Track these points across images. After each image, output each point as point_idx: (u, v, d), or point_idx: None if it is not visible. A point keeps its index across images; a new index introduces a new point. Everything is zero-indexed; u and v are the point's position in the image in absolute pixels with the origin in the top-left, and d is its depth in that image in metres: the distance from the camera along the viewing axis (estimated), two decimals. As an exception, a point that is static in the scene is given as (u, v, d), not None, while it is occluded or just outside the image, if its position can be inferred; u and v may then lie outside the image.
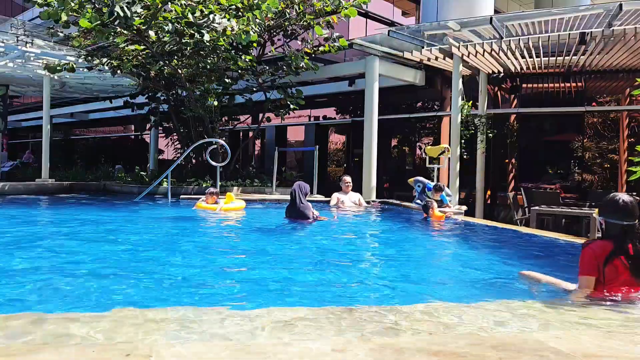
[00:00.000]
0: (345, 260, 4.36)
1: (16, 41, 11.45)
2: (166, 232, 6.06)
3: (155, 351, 1.78)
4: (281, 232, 6.12)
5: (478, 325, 2.25)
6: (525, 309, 2.57)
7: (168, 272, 3.64)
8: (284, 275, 3.63)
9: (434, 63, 10.65)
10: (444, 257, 4.84)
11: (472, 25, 8.89)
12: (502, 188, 12.03)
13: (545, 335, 2.12)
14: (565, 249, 5.02)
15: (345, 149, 15.45)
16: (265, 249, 4.83)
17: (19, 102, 23.28)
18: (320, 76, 12.66)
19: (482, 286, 3.47)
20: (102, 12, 8.61)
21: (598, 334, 2.19)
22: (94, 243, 4.98)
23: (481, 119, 10.12)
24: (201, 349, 1.91)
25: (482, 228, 6.75)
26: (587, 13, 7.91)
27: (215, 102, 10.93)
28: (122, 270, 3.68)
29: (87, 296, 2.93)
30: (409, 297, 3.15)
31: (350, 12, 10.60)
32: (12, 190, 11.24)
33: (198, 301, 2.89)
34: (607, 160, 11.39)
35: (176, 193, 10.05)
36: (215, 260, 4.30)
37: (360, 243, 5.68)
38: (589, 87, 11.48)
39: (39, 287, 3.12)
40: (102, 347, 1.88)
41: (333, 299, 3.03)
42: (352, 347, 1.91)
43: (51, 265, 3.83)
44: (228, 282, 3.43)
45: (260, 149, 17.19)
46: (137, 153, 21.20)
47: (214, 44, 9.31)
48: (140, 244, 5.07)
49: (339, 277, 3.64)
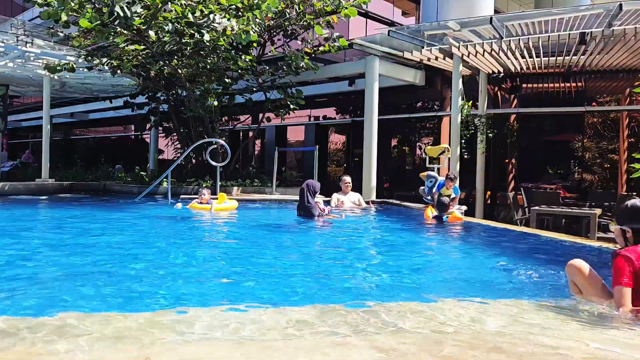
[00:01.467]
0: (345, 260, 4.36)
1: (16, 41, 11.44)
2: (166, 232, 6.06)
3: (156, 352, 1.78)
4: (279, 232, 6.12)
5: (488, 326, 2.25)
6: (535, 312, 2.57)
7: (164, 273, 3.64)
8: (284, 275, 3.63)
9: (434, 63, 10.64)
10: (444, 256, 4.84)
11: (472, 25, 8.89)
12: (502, 188, 12.03)
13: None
14: (566, 249, 5.02)
15: (345, 149, 15.45)
16: (265, 249, 4.83)
17: (19, 102, 23.26)
18: (320, 76, 12.66)
19: (490, 286, 3.47)
20: (102, 12, 8.61)
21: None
22: (88, 242, 4.98)
23: (481, 119, 10.11)
24: (201, 349, 1.90)
25: (493, 230, 6.75)
26: (587, 13, 7.91)
27: (215, 102, 10.93)
28: (117, 271, 3.68)
29: (82, 297, 2.93)
30: (409, 297, 3.15)
31: (350, 12, 10.60)
32: (12, 190, 11.24)
33: (198, 301, 2.88)
34: (607, 160, 11.39)
35: (176, 193, 10.05)
36: (213, 259, 4.30)
37: (360, 243, 5.67)
38: (589, 87, 11.47)
39: (37, 288, 3.12)
40: (102, 347, 1.88)
41: (332, 300, 3.03)
42: (354, 346, 1.90)
43: (40, 267, 3.83)
44: (225, 281, 3.43)
45: (260, 149, 17.19)
46: (137, 153, 21.20)
47: (214, 44, 9.31)
48: (135, 243, 5.06)
49: (339, 277, 3.64)
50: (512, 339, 2.06)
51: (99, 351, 1.83)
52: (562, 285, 3.48)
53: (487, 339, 2.07)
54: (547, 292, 3.22)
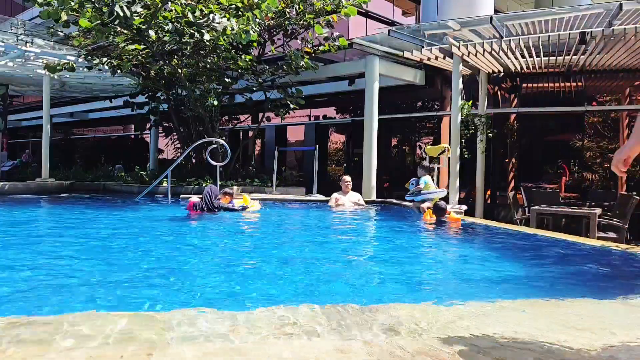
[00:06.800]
0: (343, 260, 4.36)
1: (16, 41, 11.44)
2: (168, 232, 6.06)
3: (157, 350, 1.78)
4: (283, 231, 6.12)
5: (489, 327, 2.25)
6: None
7: (164, 273, 3.63)
8: (283, 275, 3.63)
9: (434, 63, 10.64)
10: (443, 257, 4.83)
11: (472, 24, 8.88)
12: (502, 188, 12.03)
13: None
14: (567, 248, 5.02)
15: (345, 149, 15.45)
16: (264, 248, 4.83)
17: (19, 102, 23.26)
18: (320, 76, 12.65)
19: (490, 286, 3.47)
20: (102, 12, 8.61)
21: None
22: (89, 242, 4.98)
23: (481, 119, 10.11)
24: (201, 349, 1.90)
25: (492, 229, 6.74)
26: (587, 13, 7.90)
27: (215, 101, 10.93)
28: (116, 271, 3.68)
29: (78, 296, 2.92)
30: (409, 298, 3.15)
31: (350, 10, 10.59)
32: (12, 189, 11.24)
33: (196, 302, 2.88)
34: (607, 160, 11.38)
35: (176, 192, 10.05)
36: (211, 260, 4.30)
37: (359, 242, 5.67)
38: (589, 87, 11.47)
39: (33, 287, 3.12)
40: (102, 347, 1.87)
41: (332, 299, 3.03)
42: (352, 347, 1.90)
43: (42, 265, 3.83)
44: (225, 282, 3.43)
45: (260, 148, 17.19)
46: (137, 153, 21.20)
47: (214, 43, 9.30)
48: (137, 243, 5.06)
49: (337, 276, 3.64)
50: (513, 341, 2.06)
51: (97, 350, 1.83)
52: (563, 285, 3.49)
53: (488, 339, 2.07)
54: (548, 291, 3.21)
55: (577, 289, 3.28)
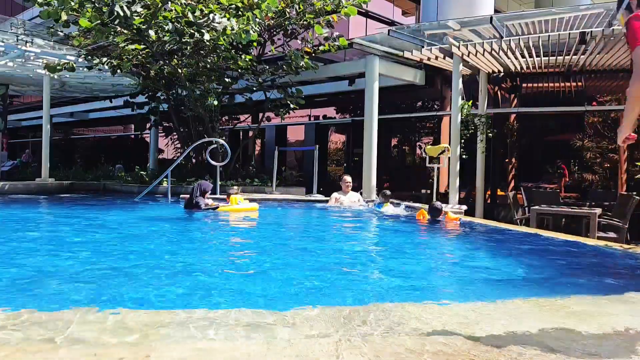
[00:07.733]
0: (343, 260, 4.36)
1: (16, 40, 11.44)
2: (167, 232, 6.06)
3: (155, 350, 1.78)
4: (284, 231, 6.12)
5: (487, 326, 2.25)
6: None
7: (163, 273, 3.63)
8: (283, 275, 3.63)
9: (434, 62, 10.64)
10: (443, 257, 4.83)
11: (472, 24, 8.88)
12: (502, 188, 12.03)
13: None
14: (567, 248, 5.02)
15: (345, 149, 15.45)
16: (264, 248, 4.83)
17: (19, 102, 23.26)
18: (320, 75, 12.66)
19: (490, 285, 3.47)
20: (102, 12, 8.61)
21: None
22: (88, 240, 4.98)
23: (481, 119, 10.11)
24: (201, 349, 1.90)
25: (492, 229, 6.75)
26: (587, 12, 7.90)
27: (215, 101, 10.93)
28: (115, 271, 3.68)
29: (78, 296, 2.92)
30: (410, 297, 3.15)
31: (350, 10, 10.59)
32: (12, 189, 11.24)
33: (196, 302, 2.88)
34: (607, 160, 11.38)
35: (176, 192, 10.05)
36: (210, 260, 4.30)
37: (359, 242, 5.67)
38: (589, 87, 11.47)
39: (33, 285, 3.11)
40: (102, 347, 1.88)
41: (332, 299, 3.03)
42: (355, 347, 1.90)
43: (43, 263, 3.83)
44: (225, 282, 3.43)
45: (260, 148, 17.19)
46: (137, 152, 21.20)
47: (214, 43, 9.30)
48: (136, 243, 5.06)
49: (337, 276, 3.64)
50: (514, 341, 2.06)
51: (96, 348, 1.83)
52: (563, 285, 3.49)
53: (489, 338, 2.07)
54: (548, 291, 3.21)
55: (577, 289, 3.28)
